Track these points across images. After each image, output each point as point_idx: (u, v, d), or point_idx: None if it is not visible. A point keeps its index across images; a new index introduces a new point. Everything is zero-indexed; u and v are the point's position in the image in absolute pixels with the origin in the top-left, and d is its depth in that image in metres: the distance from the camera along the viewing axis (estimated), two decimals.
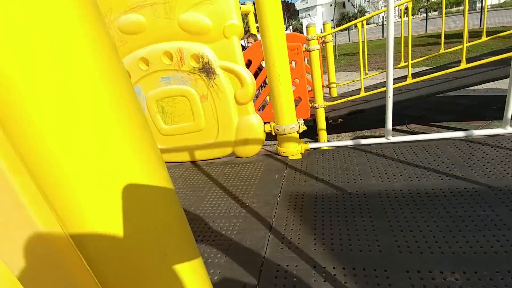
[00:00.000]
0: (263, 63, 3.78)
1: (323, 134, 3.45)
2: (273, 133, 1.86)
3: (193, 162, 1.99)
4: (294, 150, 1.80)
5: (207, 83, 1.73)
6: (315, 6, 40.25)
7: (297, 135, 1.83)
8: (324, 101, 3.43)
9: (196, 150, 1.94)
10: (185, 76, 1.74)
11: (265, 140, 1.93)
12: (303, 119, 1.93)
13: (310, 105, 3.81)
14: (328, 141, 3.55)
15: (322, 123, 3.27)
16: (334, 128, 4.22)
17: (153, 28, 1.68)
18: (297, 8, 44.73)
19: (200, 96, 1.77)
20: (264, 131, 1.89)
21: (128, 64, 1.78)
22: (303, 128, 1.83)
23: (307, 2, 41.85)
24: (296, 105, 2.00)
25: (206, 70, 1.70)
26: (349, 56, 11.07)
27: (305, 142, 1.87)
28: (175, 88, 1.79)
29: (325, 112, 3.56)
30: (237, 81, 1.73)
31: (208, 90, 1.75)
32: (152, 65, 1.75)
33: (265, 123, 1.93)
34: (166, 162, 2.05)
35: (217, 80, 1.72)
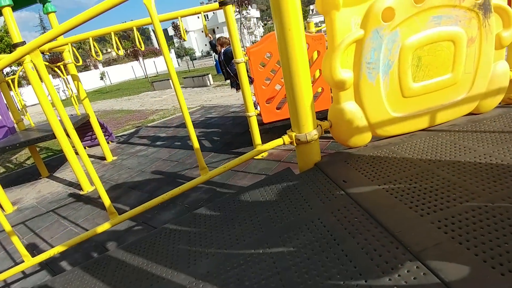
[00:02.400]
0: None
1: None
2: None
3: (426, 130, 1.65)
4: None
5: (481, 23, 1.47)
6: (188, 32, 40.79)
7: None
8: None
9: (439, 111, 1.61)
10: (460, 14, 1.43)
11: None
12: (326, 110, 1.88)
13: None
14: None
15: None
16: None
17: None
18: (170, 34, 44.31)
19: (468, 39, 1.49)
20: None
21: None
22: None
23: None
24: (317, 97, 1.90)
25: (485, 6, 1.45)
26: None
27: None
28: (444, 31, 1.44)
29: None
30: (499, 22, 1.54)
31: (479, 32, 1.49)
32: (429, 0, 1.37)
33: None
34: (395, 136, 1.62)
35: (491, 19, 1.48)
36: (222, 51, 4.52)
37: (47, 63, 5.55)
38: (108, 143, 5.83)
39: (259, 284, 0.96)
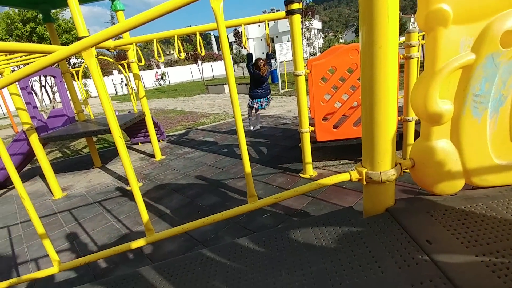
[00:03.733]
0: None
1: None
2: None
3: None
4: None
5: None
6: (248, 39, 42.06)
7: None
8: None
9: None
10: None
11: None
12: None
13: (400, 118, 3.42)
14: None
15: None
16: None
17: None
18: (230, 40, 46.10)
19: None
20: None
21: None
22: None
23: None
24: None
25: None
26: None
27: None
28: None
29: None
30: None
31: None
32: None
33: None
34: (493, 187, 1.29)
35: None
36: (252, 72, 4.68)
37: (111, 60, 5.88)
38: (159, 141, 5.99)
39: None
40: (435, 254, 0.96)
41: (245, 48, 4.30)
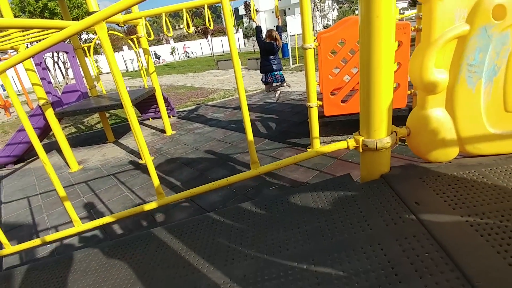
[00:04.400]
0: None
1: None
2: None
3: None
4: None
5: None
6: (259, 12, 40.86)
7: None
8: None
9: None
10: None
11: None
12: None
13: (409, 92, 3.40)
14: None
15: None
16: None
17: None
18: (240, 13, 45.00)
19: None
20: None
21: None
22: None
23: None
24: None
25: None
26: None
27: None
28: None
29: None
30: None
31: None
32: None
33: None
34: (488, 156, 1.33)
35: None
36: (263, 45, 4.42)
37: (121, 35, 5.90)
38: (169, 117, 6.09)
39: None
40: (421, 214, 1.03)
41: (253, 21, 4.25)
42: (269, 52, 4.54)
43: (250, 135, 1.40)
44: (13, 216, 3.26)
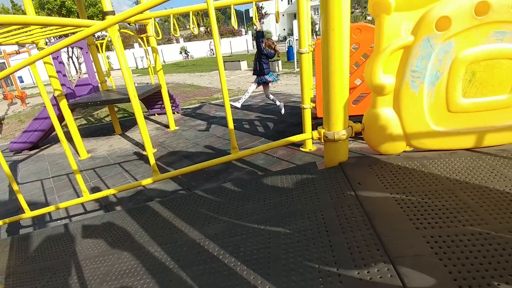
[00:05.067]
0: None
1: None
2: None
3: (470, 150, 1.55)
4: None
5: None
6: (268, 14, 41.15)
7: None
8: None
9: (488, 132, 1.50)
10: None
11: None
12: None
13: None
14: None
15: None
16: None
17: None
18: (251, 15, 45.40)
19: None
20: None
21: (457, 6, 1.27)
22: None
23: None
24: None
25: None
26: None
27: None
28: (507, 49, 1.33)
29: None
30: None
31: None
32: (492, 14, 1.28)
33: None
34: (434, 150, 1.56)
35: None
36: (263, 49, 4.77)
37: (132, 33, 6.23)
38: (174, 113, 6.39)
39: (251, 253, 1.08)
40: (359, 191, 1.28)
41: (255, 25, 4.51)
42: (268, 57, 4.87)
43: (231, 124, 1.66)
44: (28, 195, 3.58)
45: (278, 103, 5.26)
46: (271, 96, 5.24)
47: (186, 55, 33.61)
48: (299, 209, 1.28)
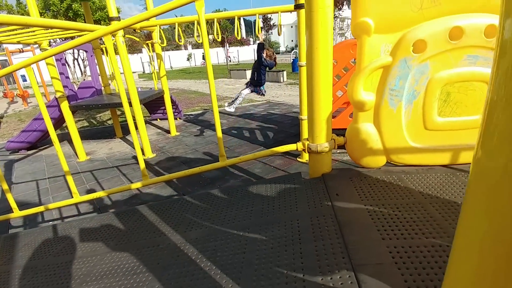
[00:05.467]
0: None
1: None
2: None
3: (447, 166, 1.60)
4: None
5: None
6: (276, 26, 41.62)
7: None
8: None
9: (464, 150, 1.56)
10: None
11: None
12: None
13: None
14: None
15: None
16: None
17: None
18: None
19: None
20: None
21: (432, 31, 1.35)
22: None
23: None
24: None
25: None
26: None
27: None
28: (479, 72, 1.40)
29: None
30: None
31: None
32: (466, 38, 1.35)
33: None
34: (416, 165, 1.62)
35: None
36: (263, 60, 4.94)
37: (138, 39, 6.38)
38: (176, 119, 6.48)
39: (227, 257, 1.14)
40: (336, 201, 1.33)
41: (257, 37, 4.62)
42: (267, 68, 5.00)
43: (219, 132, 1.72)
44: (22, 195, 3.64)
45: (237, 102, 5.43)
46: (242, 96, 5.39)
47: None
48: (278, 217, 1.33)
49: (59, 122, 5.25)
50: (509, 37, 0.33)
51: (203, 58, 34.79)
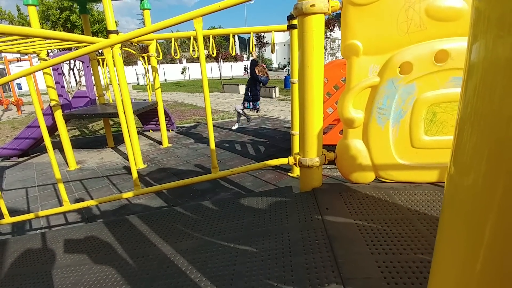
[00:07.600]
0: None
1: None
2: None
3: (435, 184, 1.65)
4: None
5: None
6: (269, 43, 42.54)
7: None
8: None
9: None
10: None
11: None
12: None
13: None
14: None
15: None
16: None
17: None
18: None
19: None
20: None
21: (418, 54, 1.42)
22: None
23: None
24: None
25: None
26: None
27: None
28: None
29: None
30: None
31: None
32: (451, 61, 1.42)
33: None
34: (404, 182, 1.66)
35: None
36: (258, 76, 5.12)
37: (134, 52, 6.44)
38: (168, 131, 6.48)
39: (217, 269, 1.14)
40: (326, 215, 1.36)
41: (251, 54, 4.73)
42: (261, 84, 5.12)
43: (212, 145, 1.75)
44: (11, 202, 3.57)
45: (240, 119, 5.68)
46: (239, 111, 5.61)
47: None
48: (268, 230, 1.35)
49: (51, 130, 5.20)
50: (475, 60, 0.38)
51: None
